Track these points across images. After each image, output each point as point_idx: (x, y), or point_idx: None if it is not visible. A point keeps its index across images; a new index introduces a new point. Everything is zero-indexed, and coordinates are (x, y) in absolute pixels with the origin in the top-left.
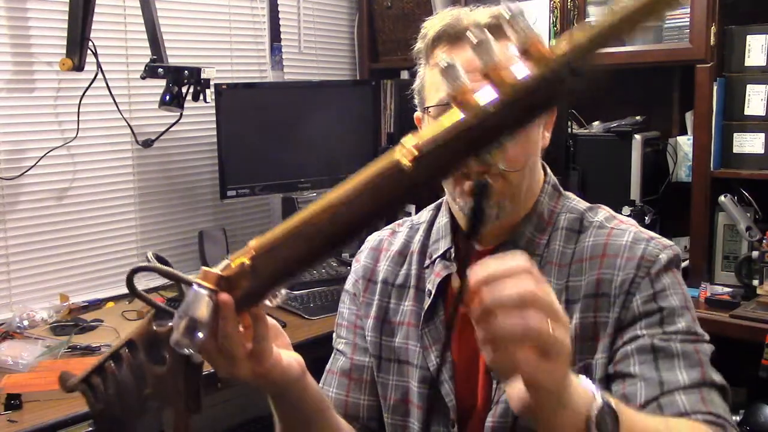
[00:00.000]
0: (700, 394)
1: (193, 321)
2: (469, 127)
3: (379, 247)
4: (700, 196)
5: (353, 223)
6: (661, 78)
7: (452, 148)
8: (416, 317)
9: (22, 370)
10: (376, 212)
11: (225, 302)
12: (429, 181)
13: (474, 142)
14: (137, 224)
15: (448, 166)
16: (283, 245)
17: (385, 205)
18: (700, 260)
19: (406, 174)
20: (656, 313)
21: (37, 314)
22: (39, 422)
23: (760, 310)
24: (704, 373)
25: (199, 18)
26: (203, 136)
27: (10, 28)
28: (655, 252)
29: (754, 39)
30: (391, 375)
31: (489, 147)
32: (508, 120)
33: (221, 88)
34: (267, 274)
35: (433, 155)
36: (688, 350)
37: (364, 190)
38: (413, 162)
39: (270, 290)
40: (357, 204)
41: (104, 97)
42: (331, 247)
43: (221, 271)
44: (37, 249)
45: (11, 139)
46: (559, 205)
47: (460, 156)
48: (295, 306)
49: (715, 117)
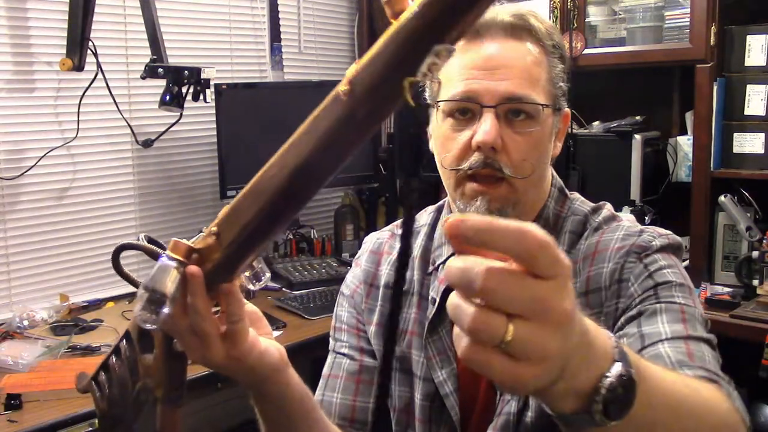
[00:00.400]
0: (686, 347)
1: (157, 294)
2: (396, 33)
3: (379, 250)
4: (700, 196)
5: (300, 167)
6: (661, 78)
7: (384, 61)
8: (420, 326)
9: (22, 370)
10: (322, 152)
11: (193, 274)
12: (368, 107)
13: (402, 51)
14: (137, 224)
15: (384, 85)
16: (241, 207)
17: (329, 143)
18: (700, 260)
19: (342, 102)
20: (651, 289)
21: (37, 314)
22: (39, 422)
23: (760, 310)
24: (687, 327)
25: (199, 18)
26: (203, 136)
27: (10, 28)
28: (648, 239)
29: (754, 39)
30: (394, 384)
31: (419, 58)
32: (431, 20)
33: (221, 88)
34: (231, 240)
35: (367, 73)
36: (672, 308)
37: (306, 129)
38: (349, 85)
39: (239, 261)
40: (302, 145)
41: (104, 97)
42: (286, 201)
43: (193, 243)
44: (37, 249)
45: (11, 139)
46: (564, 208)
47: (393, 70)
48: (295, 306)
49: (715, 117)
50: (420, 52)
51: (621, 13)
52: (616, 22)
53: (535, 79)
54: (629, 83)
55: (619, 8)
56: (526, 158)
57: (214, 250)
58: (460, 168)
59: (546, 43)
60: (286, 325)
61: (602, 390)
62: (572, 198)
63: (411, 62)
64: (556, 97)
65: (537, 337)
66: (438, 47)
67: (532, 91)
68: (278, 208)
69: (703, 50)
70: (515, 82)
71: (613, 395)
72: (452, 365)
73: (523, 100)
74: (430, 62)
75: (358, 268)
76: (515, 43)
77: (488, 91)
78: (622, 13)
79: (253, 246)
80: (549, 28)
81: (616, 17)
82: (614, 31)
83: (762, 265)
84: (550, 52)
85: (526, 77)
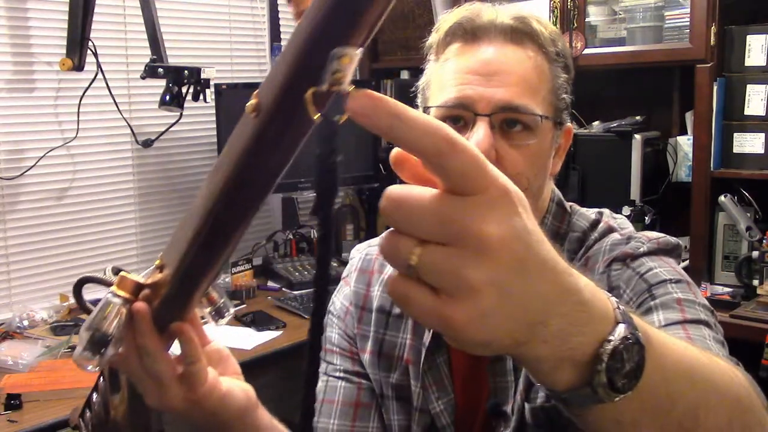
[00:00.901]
0: (685, 332)
1: (99, 334)
2: (292, 38)
3: (369, 268)
4: (700, 196)
5: (223, 193)
6: (661, 78)
7: (283, 71)
8: (416, 353)
9: (22, 370)
10: (242, 176)
11: (138, 312)
12: (277, 125)
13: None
14: (137, 224)
15: (286, 99)
16: (178, 235)
17: (246, 167)
18: (700, 260)
19: (250, 120)
20: (645, 291)
21: (37, 314)
22: (39, 422)
23: (760, 310)
24: (685, 312)
25: (199, 18)
26: (203, 136)
27: (10, 28)
28: (635, 246)
29: (754, 39)
30: (391, 414)
31: (319, 65)
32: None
33: (221, 88)
34: (174, 273)
35: (270, 86)
36: (667, 302)
37: (225, 151)
38: (257, 100)
39: (186, 295)
40: (222, 169)
41: (104, 97)
42: (214, 229)
43: (143, 277)
44: (37, 249)
45: (11, 139)
46: (564, 223)
47: (292, 81)
48: (295, 306)
49: (715, 117)
50: (318, 59)
51: (621, 13)
52: (616, 22)
53: (535, 88)
54: (629, 83)
55: (619, 8)
56: (522, 172)
57: (163, 284)
58: None
59: (549, 49)
60: (286, 325)
61: (604, 357)
62: (572, 212)
63: (311, 71)
64: (558, 110)
65: (448, 263)
66: (338, 51)
67: (531, 101)
68: (209, 236)
69: (703, 50)
70: (513, 90)
71: (617, 363)
72: (449, 395)
73: (520, 110)
74: (333, 69)
75: (347, 288)
76: (515, 48)
77: (483, 98)
78: (622, 13)
79: (196, 278)
80: (553, 33)
81: (616, 17)
82: (614, 31)
83: (762, 265)
84: (553, 60)
85: (524, 85)
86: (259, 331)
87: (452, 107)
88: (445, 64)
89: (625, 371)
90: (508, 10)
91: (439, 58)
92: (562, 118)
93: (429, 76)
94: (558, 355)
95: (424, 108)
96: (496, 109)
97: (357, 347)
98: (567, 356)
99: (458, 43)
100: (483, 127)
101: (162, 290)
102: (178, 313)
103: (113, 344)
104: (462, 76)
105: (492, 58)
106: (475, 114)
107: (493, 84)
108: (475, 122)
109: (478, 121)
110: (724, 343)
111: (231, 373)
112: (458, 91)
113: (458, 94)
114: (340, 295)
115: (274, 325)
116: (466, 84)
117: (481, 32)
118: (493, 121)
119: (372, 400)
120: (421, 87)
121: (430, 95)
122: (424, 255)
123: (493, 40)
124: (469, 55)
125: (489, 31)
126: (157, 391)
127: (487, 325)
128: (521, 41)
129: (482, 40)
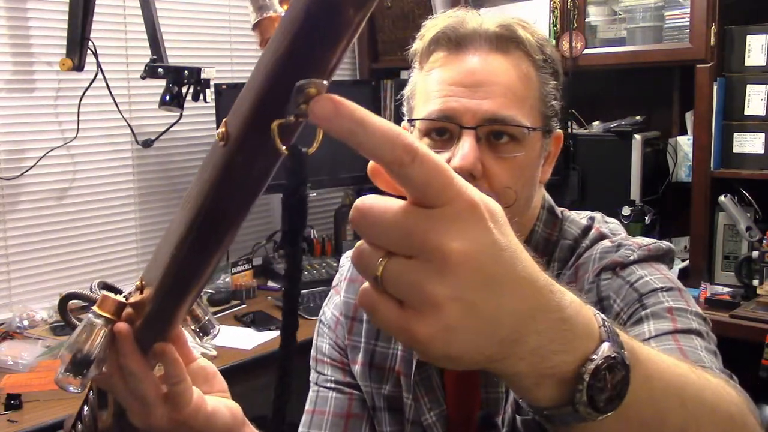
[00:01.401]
0: (676, 343)
1: (81, 355)
2: (256, 68)
3: (359, 277)
4: (700, 196)
5: (197, 217)
6: (661, 78)
7: (249, 102)
8: (406, 365)
9: (22, 370)
10: (213, 203)
11: (120, 332)
12: (243, 155)
13: (264, 90)
14: (137, 224)
15: (252, 130)
16: (158, 254)
17: (216, 194)
18: (700, 260)
19: (219, 149)
20: (636, 301)
21: (37, 314)
22: (39, 422)
23: (760, 310)
24: (676, 322)
25: (199, 18)
26: (203, 136)
27: (10, 28)
28: (625, 254)
29: (754, 39)
30: (384, 426)
31: (283, 97)
32: (287, 53)
33: (221, 88)
34: (155, 293)
35: (237, 115)
36: (658, 311)
37: (197, 178)
38: (225, 128)
39: (168, 315)
40: (195, 194)
41: (104, 97)
42: (192, 249)
43: (125, 297)
44: (37, 249)
45: (11, 139)
46: (555, 231)
47: (258, 112)
48: None
49: (715, 117)
50: (282, 90)
51: (621, 13)
52: (616, 22)
53: (522, 98)
54: (629, 83)
55: (619, 8)
56: (510, 186)
57: (144, 304)
58: None
59: (536, 56)
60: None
61: (585, 376)
62: (564, 218)
63: (275, 102)
64: (547, 118)
65: (411, 276)
66: (303, 83)
67: (518, 112)
68: (186, 259)
69: (703, 50)
70: (498, 101)
71: (599, 383)
72: (441, 407)
73: (507, 122)
74: (299, 101)
75: (337, 297)
76: (500, 57)
77: (468, 110)
78: (622, 13)
79: (177, 297)
80: (540, 39)
81: (616, 17)
82: (614, 31)
83: (762, 265)
84: (540, 67)
85: (511, 96)
86: (259, 331)
87: (437, 120)
88: (429, 74)
89: (608, 391)
90: (494, 16)
91: (423, 67)
92: (551, 126)
93: (413, 85)
94: (538, 372)
95: (408, 120)
96: (482, 122)
97: (348, 358)
98: (548, 374)
99: (442, 53)
100: (469, 141)
101: (144, 310)
102: (161, 332)
103: (96, 365)
104: (446, 88)
105: (477, 68)
106: (460, 127)
107: (479, 95)
108: (460, 135)
109: (464, 134)
110: (717, 353)
111: (217, 390)
112: (443, 104)
113: (443, 107)
114: (331, 304)
115: (274, 325)
116: (451, 96)
117: (466, 41)
118: (479, 133)
119: (363, 411)
120: (406, 96)
121: (415, 106)
122: (389, 267)
123: (478, 49)
124: (454, 65)
125: (473, 40)
126: (142, 411)
127: (452, 341)
128: (507, 49)
129: (467, 49)
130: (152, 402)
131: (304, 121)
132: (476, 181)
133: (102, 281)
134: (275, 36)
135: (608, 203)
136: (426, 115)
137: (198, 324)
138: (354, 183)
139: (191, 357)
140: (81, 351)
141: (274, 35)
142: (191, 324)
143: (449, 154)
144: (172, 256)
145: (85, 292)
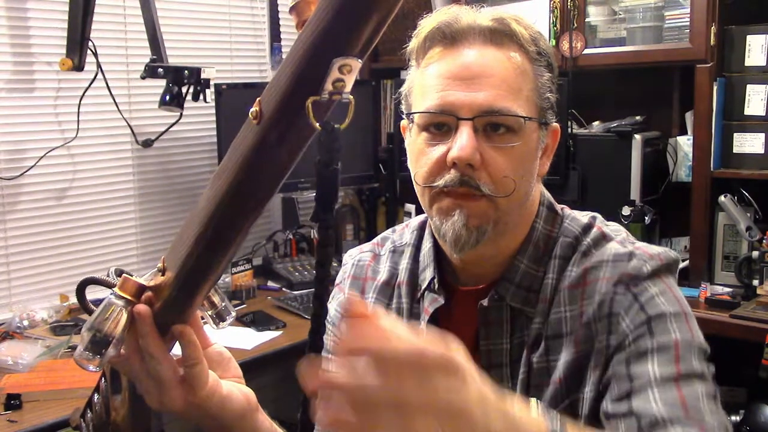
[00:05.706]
0: (679, 393)
1: (101, 335)
2: (294, 47)
3: (362, 275)
4: (700, 196)
5: (227, 196)
6: (661, 78)
7: (285, 80)
8: None
9: (22, 370)
10: (245, 181)
11: (140, 314)
12: (278, 132)
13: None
14: (137, 224)
15: (288, 107)
16: (181, 239)
17: (249, 172)
18: (700, 260)
19: (252, 127)
20: (644, 325)
21: (37, 314)
22: (39, 422)
23: (760, 310)
24: (680, 365)
25: (199, 18)
26: (203, 136)
27: (10, 28)
28: (637, 266)
29: (754, 39)
30: None
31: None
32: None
33: (221, 88)
34: (176, 276)
35: (272, 94)
36: (665, 345)
37: (228, 156)
38: (258, 107)
39: (188, 297)
40: (225, 173)
41: (104, 97)
42: (217, 228)
43: (146, 279)
44: (37, 249)
45: (11, 139)
46: (555, 228)
47: (294, 89)
48: (295, 306)
49: (715, 117)
50: (319, 68)
51: (621, 13)
52: (616, 22)
53: (517, 90)
54: (629, 83)
55: (619, 8)
56: (508, 175)
57: (164, 287)
58: (435, 185)
59: (530, 49)
60: (286, 325)
61: None
62: (564, 215)
63: (312, 80)
64: (543, 110)
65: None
66: (339, 61)
67: (513, 103)
68: (211, 240)
69: (703, 50)
70: (494, 93)
71: None
72: None
73: (503, 113)
74: (333, 78)
75: (341, 295)
76: (495, 50)
77: (465, 103)
78: (622, 13)
79: (198, 280)
80: (533, 33)
81: (616, 17)
82: (614, 31)
83: (762, 265)
84: (534, 60)
85: (506, 87)
86: (259, 331)
87: (435, 113)
88: (426, 69)
89: None
90: (488, 11)
91: (420, 63)
92: (547, 118)
93: (411, 82)
94: None
95: (407, 114)
96: (479, 113)
97: None
98: None
99: (438, 48)
100: (466, 132)
101: (164, 293)
102: (180, 315)
103: (114, 345)
104: (443, 81)
105: (472, 61)
106: (457, 119)
107: (474, 88)
108: (458, 127)
109: (461, 126)
110: (717, 396)
111: (232, 375)
112: (440, 98)
113: (440, 101)
114: (334, 302)
115: (274, 325)
116: (448, 89)
117: (461, 36)
118: (477, 125)
119: None
120: (404, 93)
121: (413, 101)
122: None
123: (473, 43)
124: (450, 59)
125: (468, 34)
126: (158, 393)
127: None
128: (501, 42)
129: (462, 44)
130: (169, 383)
131: (338, 98)
132: (475, 171)
133: (118, 268)
134: (316, 14)
135: (608, 203)
136: (424, 110)
137: (215, 310)
138: (354, 183)
139: (207, 342)
140: (100, 331)
141: (314, 13)
142: (208, 309)
143: (448, 146)
144: (198, 235)
145: (103, 277)
